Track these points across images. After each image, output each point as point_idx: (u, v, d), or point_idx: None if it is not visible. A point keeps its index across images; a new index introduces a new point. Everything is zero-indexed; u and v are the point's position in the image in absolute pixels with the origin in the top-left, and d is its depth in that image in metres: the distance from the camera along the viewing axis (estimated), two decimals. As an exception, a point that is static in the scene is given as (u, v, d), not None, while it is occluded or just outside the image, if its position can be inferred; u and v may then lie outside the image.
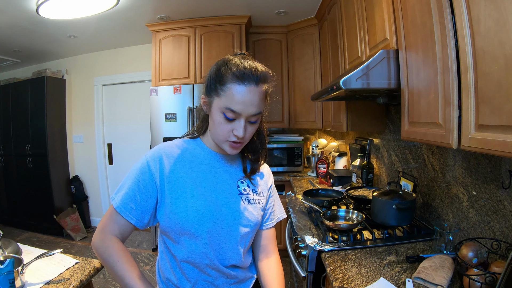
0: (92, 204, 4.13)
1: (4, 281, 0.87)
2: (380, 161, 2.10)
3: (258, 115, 0.81)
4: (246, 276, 0.94)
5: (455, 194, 1.29)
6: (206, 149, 0.91)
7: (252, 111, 0.78)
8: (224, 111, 0.78)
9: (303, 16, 2.91)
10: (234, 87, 0.77)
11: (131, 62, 3.75)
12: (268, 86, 0.83)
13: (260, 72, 0.79)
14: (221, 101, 0.78)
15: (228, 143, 0.82)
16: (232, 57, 0.82)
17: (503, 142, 0.66)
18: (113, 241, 0.81)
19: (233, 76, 0.77)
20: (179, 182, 0.84)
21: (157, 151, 0.86)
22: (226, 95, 0.77)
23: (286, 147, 3.08)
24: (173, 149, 0.88)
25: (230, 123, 0.79)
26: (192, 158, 0.88)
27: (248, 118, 0.80)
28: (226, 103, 0.77)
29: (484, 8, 0.70)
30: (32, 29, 2.82)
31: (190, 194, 0.83)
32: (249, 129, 0.82)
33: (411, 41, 1.09)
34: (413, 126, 1.12)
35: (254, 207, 0.90)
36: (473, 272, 0.88)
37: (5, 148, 4.01)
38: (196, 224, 0.81)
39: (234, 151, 0.84)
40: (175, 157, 0.86)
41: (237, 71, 0.77)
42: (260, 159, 0.95)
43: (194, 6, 2.63)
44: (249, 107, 0.78)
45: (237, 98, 0.76)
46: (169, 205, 0.82)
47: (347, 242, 1.30)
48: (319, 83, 2.92)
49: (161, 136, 2.84)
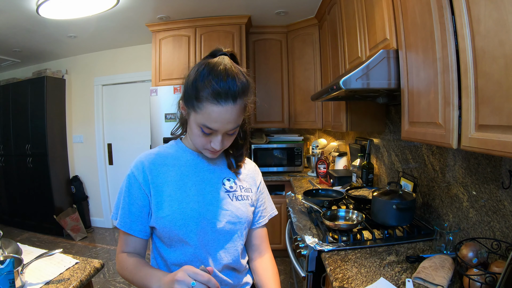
0: (92, 204, 4.13)
1: (4, 281, 0.87)
2: (380, 161, 2.10)
3: (236, 128, 0.81)
4: (240, 282, 0.92)
5: (455, 194, 1.29)
6: (188, 151, 0.91)
7: (229, 127, 0.79)
8: (201, 126, 0.78)
9: (303, 16, 2.91)
10: (211, 108, 0.74)
11: (131, 62, 3.75)
12: (247, 99, 0.81)
13: (239, 86, 0.75)
14: (198, 117, 0.77)
15: (207, 151, 0.84)
16: (212, 65, 0.76)
17: (503, 142, 0.66)
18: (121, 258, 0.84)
19: (209, 95, 0.73)
20: (163, 187, 0.83)
21: (139, 161, 0.86)
22: (203, 113, 0.76)
23: (286, 147, 3.08)
24: (154, 156, 0.88)
25: (207, 136, 0.80)
26: (174, 161, 0.88)
27: (225, 132, 0.80)
28: (202, 120, 0.77)
29: (484, 8, 0.70)
30: (32, 29, 2.82)
31: (175, 197, 0.83)
32: (227, 140, 0.83)
33: (411, 41, 1.09)
34: (413, 126, 1.12)
35: (243, 203, 0.90)
36: (473, 272, 0.88)
37: (5, 148, 4.01)
38: (184, 227, 0.81)
39: (214, 155, 0.86)
40: (157, 163, 0.86)
41: (213, 90, 0.73)
42: (244, 154, 0.96)
43: (194, 6, 2.63)
44: (226, 124, 0.77)
45: (213, 117, 0.75)
46: (156, 210, 0.82)
47: (347, 242, 1.30)
48: (319, 83, 2.92)
49: (161, 136, 2.84)
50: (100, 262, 1.16)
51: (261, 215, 0.98)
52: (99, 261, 1.17)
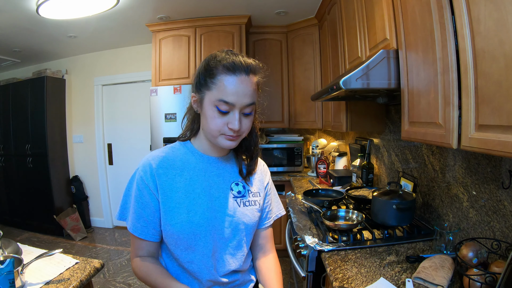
0: (92, 204, 4.13)
1: (4, 281, 0.87)
2: (380, 161, 2.10)
3: (252, 105, 0.79)
4: (245, 279, 0.93)
5: (455, 194, 1.29)
6: (198, 154, 0.88)
7: (246, 101, 0.77)
8: (217, 104, 0.76)
9: (303, 16, 2.91)
10: (226, 78, 0.75)
11: (131, 62, 3.75)
12: (259, 78, 0.82)
13: (250, 63, 0.78)
14: (213, 94, 0.77)
15: (223, 137, 0.80)
16: (219, 53, 0.81)
17: (503, 142, 0.66)
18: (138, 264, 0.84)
19: (223, 67, 0.76)
20: (172, 192, 0.82)
21: (147, 163, 0.83)
22: (218, 87, 0.76)
23: (286, 147, 3.08)
24: (162, 158, 0.85)
25: (224, 116, 0.77)
26: (183, 165, 0.85)
27: (242, 109, 0.78)
28: (218, 95, 0.76)
29: (484, 8, 0.70)
30: (32, 29, 2.82)
31: (183, 205, 0.81)
32: (244, 122, 0.80)
33: (411, 41, 1.09)
34: (413, 126, 1.12)
35: (250, 209, 0.89)
36: (473, 272, 0.88)
37: (5, 148, 4.01)
38: (192, 235, 0.80)
39: (231, 143, 0.81)
40: (165, 167, 0.83)
41: (227, 62, 0.76)
42: (255, 158, 0.93)
43: (194, 6, 2.63)
44: (242, 97, 0.76)
45: (229, 89, 0.75)
46: (164, 216, 0.81)
47: (347, 242, 1.30)
48: (319, 83, 2.92)
49: (161, 136, 2.84)
50: (100, 262, 1.16)
51: (267, 216, 0.98)
52: (99, 261, 1.17)
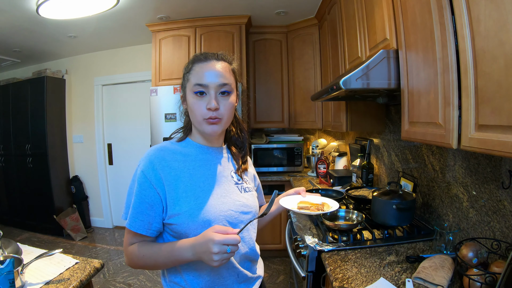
0: (92, 204, 4.13)
1: (4, 281, 0.87)
2: (380, 161, 2.10)
3: (227, 85, 0.86)
4: (254, 273, 0.96)
5: (455, 194, 1.29)
6: (196, 145, 0.94)
7: (219, 81, 0.85)
8: (194, 89, 0.85)
9: (303, 16, 2.91)
10: (198, 65, 0.87)
11: (131, 62, 3.75)
12: (232, 66, 0.92)
13: (221, 53, 0.91)
14: (190, 83, 0.86)
15: (205, 122, 0.85)
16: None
17: (503, 142, 0.66)
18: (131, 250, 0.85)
19: (196, 59, 0.89)
20: (177, 183, 0.84)
21: (148, 159, 0.85)
22: (193, 75, 0.86)
23: (286, 147, 3.08)
24: (163, 151, 0.88)
25: (202, 98, 0.85)
26: (184, 157, 0.89)
27: (217, 89, 0.85)
28: (194, 81, 0.85)
29: (484, 8, 0.70)
30: (32, 29, 2.82)
31: (190, 193, 0.84)
32: (223, 102, 0.86)
33: (411, 41, 1.09)
34: (413, 126, 1.12)
35: (250, 194, 0.96)
36: (473, 272, 0.88)
37: (5, 148, 4.01)
38: (202, 221, 0.82)
39: (214, 127, 0.86)
40: (167, 159, 0.86)
41: (199, 55, 0.90)
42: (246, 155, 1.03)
43: (194, 6, 2.63)
44: (214, 77, 0.84)
45: (201, 73, 0.85)
46: (172, 207, 0.83)
47: (347, 242, 1.30)
48: (319, 83, 2.92)
49: (161, 136, 2.83)
50: (100, 262, 1.16)
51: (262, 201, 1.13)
52: (99, 261, 1.17)
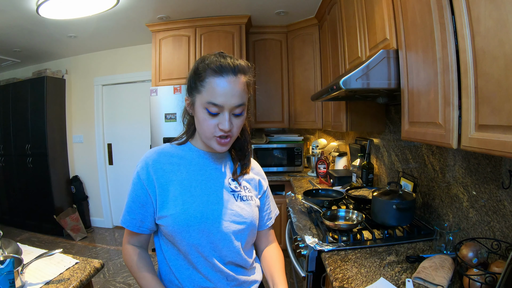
0: (92, 204, 4.13)
1: (4, 281, 0.87)
2: (380, 161, 2.10)
3: (242, 106, 0.81)
4: (248, 278, 0.93)
5: (455, 194, 1.29)
6: (195, 149, 0.92)
7: (234, 102, 0.78)
8: (207, 106, 0.78)
9: (303, 16, 2.91)
10: (213, 80, 0.77)
11: (131, 62, 3.75)
12: (248, 78, 0.83)
13: (237, 64, 0.80)
14: (203, 97, 0.79)
15: (215, 139, 0.82)
16: (208, 55, 0.83)
17: (503, 142, 0.66)
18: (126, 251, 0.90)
19: (210, 70, 0.78)
20: (168, 186, 0.84)
21: (144, 161, 0.87)
22: (206, 90, 0.78)
23: (286, 147, 3.08)
24: (159, 154, 0.89)
25: (214, 117, 0.79)
26: (179, 160, 0.89)
27: (232, 110, 0.79)
28: (207, 98, 0.78)
29: (484, 8, 0.70)
30: (32, 29, 2.82)
31: (179, 197, 0.84)
32: (235, 122, 0.81)
33: (411, 41, 1.09)
34: (413, 126, 1.12)
35: (247, 203, 0.91)
36: (473, 272, 0.88)
37: (5, 148, 4.01)
38: (187, 226, 0.81)
39: (223, 147, 0.83)
40: (162, 162, 0.87)
41: (214, 65, 0.78)
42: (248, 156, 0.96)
43: (194, 6, 2.63)
44: (230, 98, 0.77)
45: (217, 91, 0.77)
46: (160, 209, 0.84)
47: (347, 242, 1.30)
48: (319, 83, 2.92)
49: (161, 136, 2.84)
50: (100, 262, 1.16)
51: (268, 218, 1.02)
52: (99, 261, 1.17)
